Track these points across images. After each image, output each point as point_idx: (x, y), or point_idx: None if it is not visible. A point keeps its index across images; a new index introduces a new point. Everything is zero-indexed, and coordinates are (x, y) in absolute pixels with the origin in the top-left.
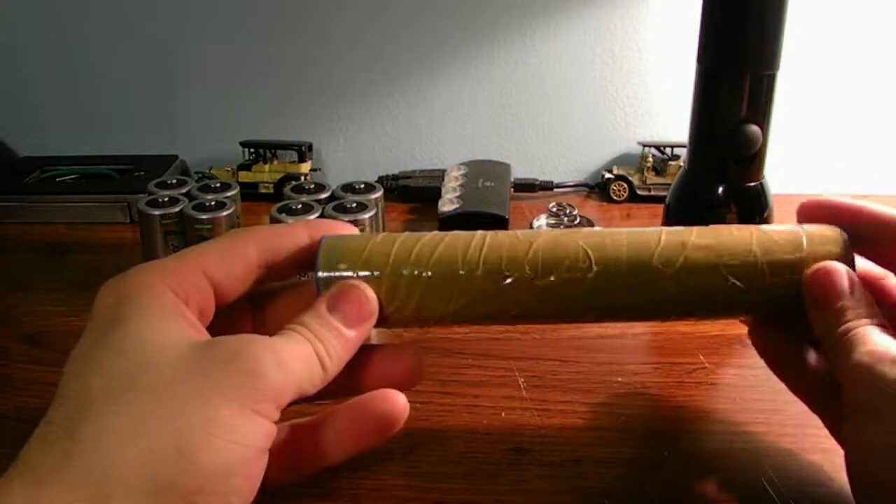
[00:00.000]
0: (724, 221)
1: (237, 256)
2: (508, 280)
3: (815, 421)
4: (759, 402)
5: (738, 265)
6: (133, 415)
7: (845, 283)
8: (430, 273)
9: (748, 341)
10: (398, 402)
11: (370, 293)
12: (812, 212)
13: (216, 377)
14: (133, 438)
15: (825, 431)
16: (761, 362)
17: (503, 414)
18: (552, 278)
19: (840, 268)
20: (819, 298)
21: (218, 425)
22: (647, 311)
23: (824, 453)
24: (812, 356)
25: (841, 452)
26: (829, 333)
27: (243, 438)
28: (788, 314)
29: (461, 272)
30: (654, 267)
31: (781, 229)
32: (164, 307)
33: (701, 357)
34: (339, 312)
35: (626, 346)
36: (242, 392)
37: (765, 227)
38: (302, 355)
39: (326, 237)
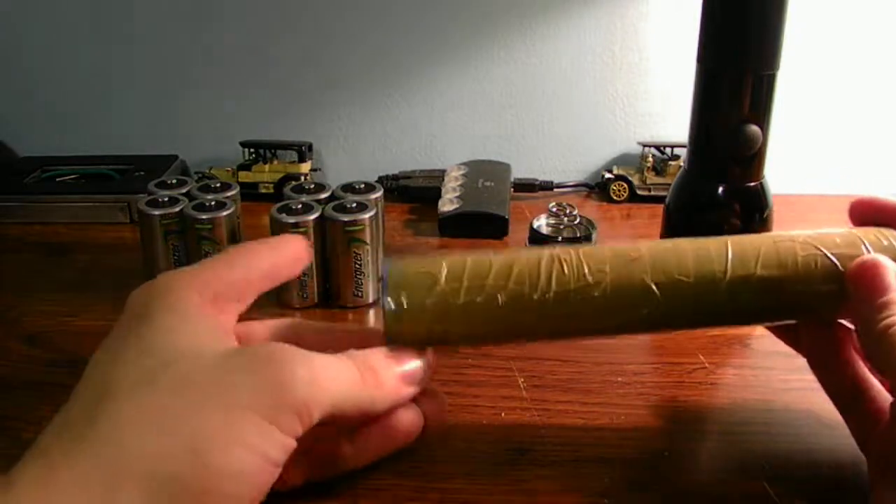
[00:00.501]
0: (724, 221)
1: (250, 265)
2: (574, 319)
3: (815, 420)
4: (759, 402)
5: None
6: (151, 409)
7: (891, 276)
8: (501, 301)
9: (748, 341)
10: (418, 417)
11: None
12: (864, 211)
13: (240, 383)
14: (148, 433)
15: (825, 431)
16: (761, 362)
17: (503, 414)
18: (619, 319)
19: (886, 261)
20: (862, 292)
21: (234, 430)
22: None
23: (825, 453)
24: (854, 358)
25: (841, 451)
26: (871, 327)
27: (258, 447)
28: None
29: (535, 298)
30: (721, 298)
31: (840, 232)
32: (191, 308)
33: (701, 357)
34: (402, 368)
35: (626, 346)
36: (264, 402)
37: (822, 231)
38: (344, 378)
39: (390, 264)
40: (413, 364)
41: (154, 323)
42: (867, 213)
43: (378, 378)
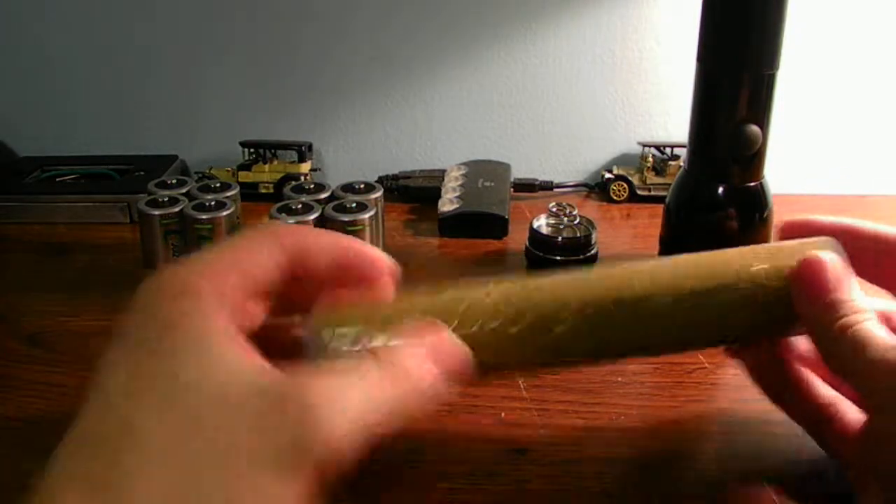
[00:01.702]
0: (724, 221)
1: (271, 254)
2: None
3: None
4: (758, 401)
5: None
6: (180, 481)
7: (835, 273)
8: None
9: None
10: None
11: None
12: (796, 232)
13: (267, 439)
14: (177, 493)
15: None
16: None
17: (503, 414)
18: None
19: (828, 257)
20: (808, 293)
21: (258, 493)
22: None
23: (825, 453)
24: (810, 381)
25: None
26: (825, 330)
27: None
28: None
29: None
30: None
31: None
32: (209, 318)
33: (700, 357)
34: (439, 365)
35: None
36: (292, 456)
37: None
38: (366, 390)
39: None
40: (454, 359)
41: (172, 356)
42: (801, 235)
43: (409, 374)
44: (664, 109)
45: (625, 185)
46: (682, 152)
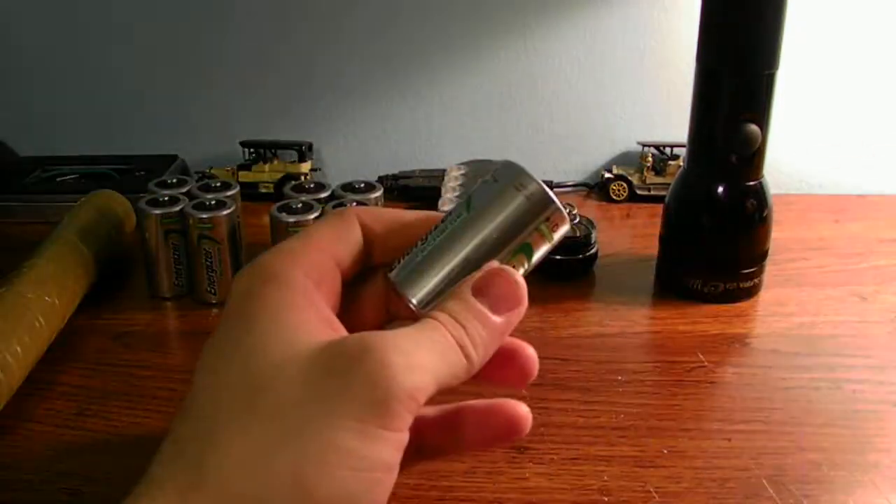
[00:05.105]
0: (724, 221)
1: (352, 236)
2: None
3: (814, 419)
4: (757, 400)
5: None
6: (251, 444)
7: None
8: None
9: (747, 340)
10: (523, 411)
11: (519, 277)
12: None
13: (335, 394)
14: (252, 472)
15: (824, 429)
16: (760, 361)
17: None
18: None
19: None
20: None
21: (336, 452)
22: None
23: (823, 451)
24: None
25: (840, 449)
26: None
27: (366, 462)
28: None
29: None
30: None
31: None
32: (296, 299)
33: (700, 356)
34: (486, 297)
35: (625, 345)
36: (366, 409)
37: None
38: (440, 347)
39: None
40: (501, 287)
41: (256, 326)
42: None
43: (466, 325)
44: (664, 109)
45: (624, 185)
46: (682, 152)
